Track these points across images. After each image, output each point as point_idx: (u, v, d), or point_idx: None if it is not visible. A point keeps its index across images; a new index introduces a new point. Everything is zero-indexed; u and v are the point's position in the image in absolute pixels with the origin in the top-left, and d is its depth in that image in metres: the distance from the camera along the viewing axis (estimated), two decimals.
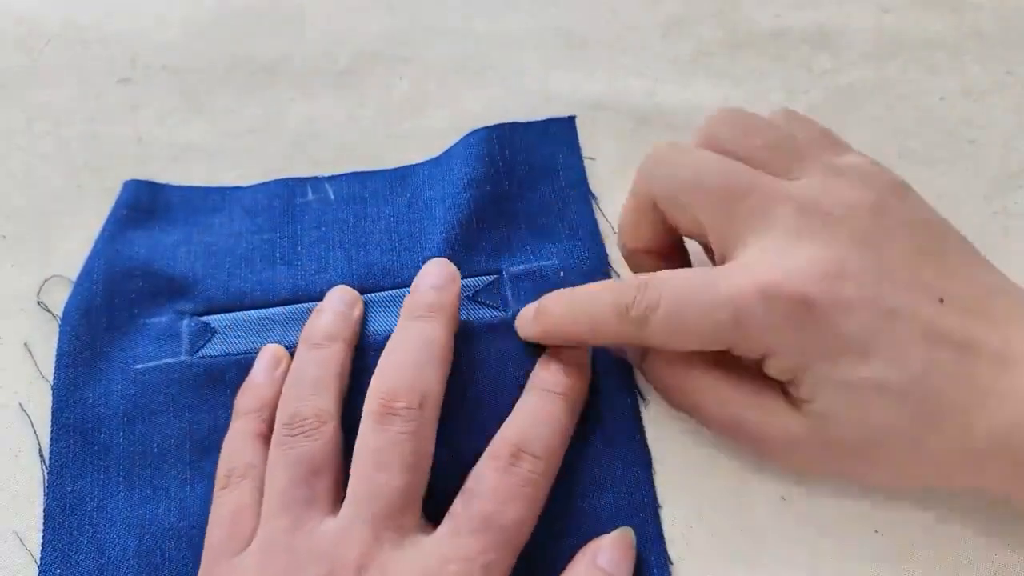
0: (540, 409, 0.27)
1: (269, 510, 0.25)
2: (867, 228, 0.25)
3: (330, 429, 0.26)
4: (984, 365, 0.24)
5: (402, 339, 0.28)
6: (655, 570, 0.27)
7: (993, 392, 0.24)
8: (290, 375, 0.28)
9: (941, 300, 0.25)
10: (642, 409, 0.30)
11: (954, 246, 0.27)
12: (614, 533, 0.25)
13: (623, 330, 0.26)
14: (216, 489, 0.27)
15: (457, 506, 0.25)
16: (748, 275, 0.25)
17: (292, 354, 0.30)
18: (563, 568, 0.26)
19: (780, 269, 0.24)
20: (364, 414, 0.26)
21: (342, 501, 0.25)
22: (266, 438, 0.27)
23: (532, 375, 0.29)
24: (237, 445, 0.28)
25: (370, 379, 0.27)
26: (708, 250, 0.29)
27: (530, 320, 0.29)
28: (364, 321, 0.31)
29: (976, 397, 0.24)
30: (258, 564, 0.24)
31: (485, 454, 0.26)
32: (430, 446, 0.26)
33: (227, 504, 0.26)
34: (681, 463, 0.29)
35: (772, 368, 0.25)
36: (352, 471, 0.25)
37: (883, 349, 0.24)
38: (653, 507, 0.28)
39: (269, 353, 0.30)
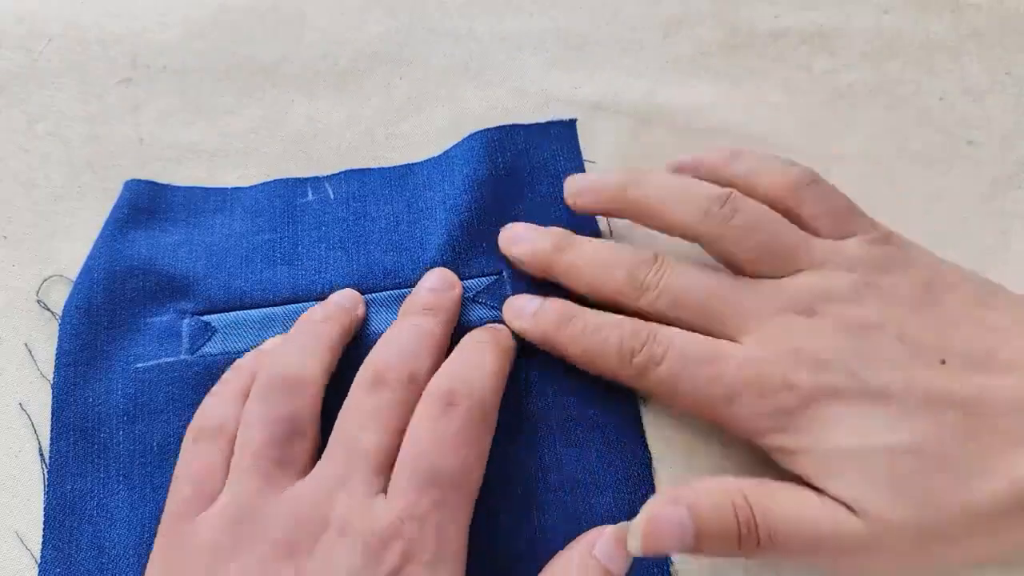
0: (468, 355, 0.28)
1: (240, 469, 0.25)
2: (852, 316, 0.27)
3: (313, 391, 0.27)
4: (999, 417, 0.24)
5: (397, 330, 0.29)
6: (655, 570, 0.27)
7: (1014, 441, 0.24)
8: (283, 339, 0.29)
9: (943, 361, 0.26)
10: (642, 409, 0.30)
11: (956, 294, 0.27)
12: (615, 526, 0.25)
13: (621, 371, 0.28)
14: (187, 441, 0.27)
15: (403, 462, 0.25)
16: (744, 362, 0.26)
17: None
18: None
19: (771, 360, 0.26)
20: (354, 384, 0.27)
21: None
22: (245, 396, 0.27)
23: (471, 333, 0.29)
24: (217, 400, 0.28)
25: None
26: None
27: (528, 316, 0.29)
28: (365, 322, 0.31)
29: (993, 451, 0.24)
30: (222, 526, 0.24)
31: (419, 405, 0.26)
32: (410, 419, 0.26)
33: (197, 459, 0.26)
34: (681, 463, 0.29)
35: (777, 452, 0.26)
36: (334, 431, 0.26)
37: (883, 424, 0.25)
38: None
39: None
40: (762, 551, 0.24)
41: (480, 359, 0.28)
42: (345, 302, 0.31)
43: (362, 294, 0.31)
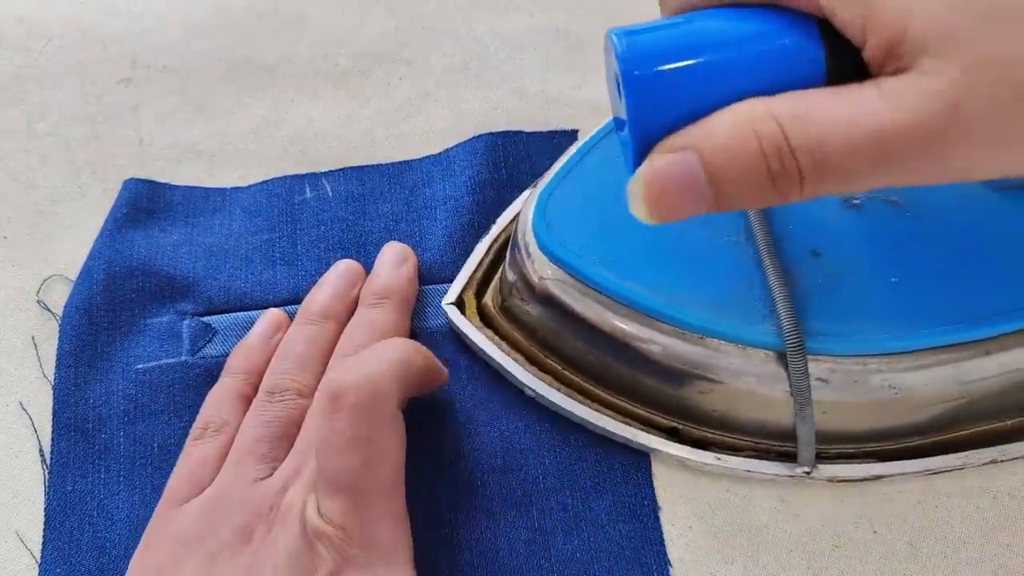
0: (360, 319, 0.30)
1: (229, 461, 0.27)
2: None
3: (305, 404, 0.28)
4: None
5: (353, 326, 0.30)
6: (655, 571, 0.27)
7: None
8: (281, 346, 0.30)
9: None
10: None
11: None
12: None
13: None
14: (189, 439, 0.28)
15: (312, 465, 0.25)
16: None
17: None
18: (570, 571, 0.26)
19: None
20: (319, 390, 0.27)
21: None
22: (248, 400, 0.29)
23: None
24: (219, 401, 0.29)
25: None
26: None
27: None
28: None
29: None
30: (198, 510, 0.25)
31: (312, 404, 0.27)
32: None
33: (194, 455, 0.27)
34: (681, 465, 0.29)
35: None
36: (300, 432, 0.27)
37: None
38: (652, 509, 0.28)
39: (269, 318, 0.31)
40: (810, 184, 0.19)
41: (376, 320, 0.29)
42: (342, 284, 0.31)
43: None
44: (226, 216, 0.34)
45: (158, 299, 0.32)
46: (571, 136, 0.36)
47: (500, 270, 0.31)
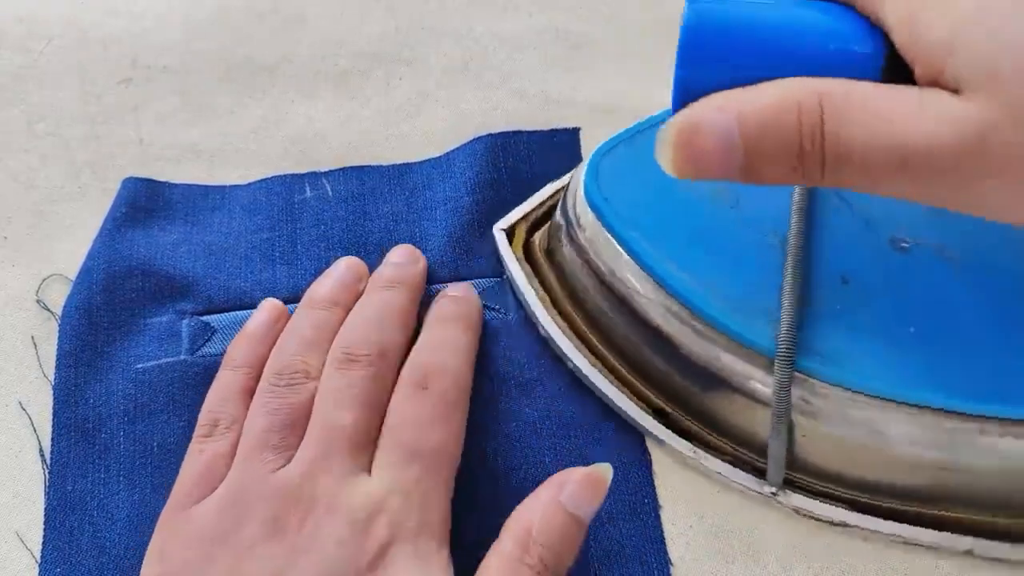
0: (438, 335, 0.29)
1: (240, 457, 0.26)
2: None
3: (315, 386, 0.27)
4: None
5: (364, 306, 0.29)
6: (655, 570, 0.27)
7: None
8: (287, 331, 0.29)
9: None
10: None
11: None
12: (586, 469, 0.24)
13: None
14: (197, 436, 0.27)
15: (384, 440, 0.26)
16: None
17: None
18: (574, 572, 0.26)
19: None
20: (327, 364, 0.27)
21: None
22: (252, 393, 0.28)
23: (428, 313, 0.30)
24: (224, 395, 0.28)
25: None
26: None
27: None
28: None
29: None
30: (216, 508, 0.25)
31: (397, 386, 0.27)
32: (387, 394, 0.27)
33: (205, 453, 0.27)
34: (681, 464, 0.29)
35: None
36: (313, 412, 0.26)
37: None
38: (653, 507, 0.28)
39: (268, 308, 0.31)
40: (831, 173, 0.19)
41: (451, 337, 0.29)
42: (347, 276, 0.31)
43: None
44: (225, 214, 0.34)
45: (158, 299, 0.32)
46: (571, 135, 0.36)
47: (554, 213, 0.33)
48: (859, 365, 0.26)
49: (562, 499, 0.24)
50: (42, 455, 0.29)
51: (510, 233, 0.33)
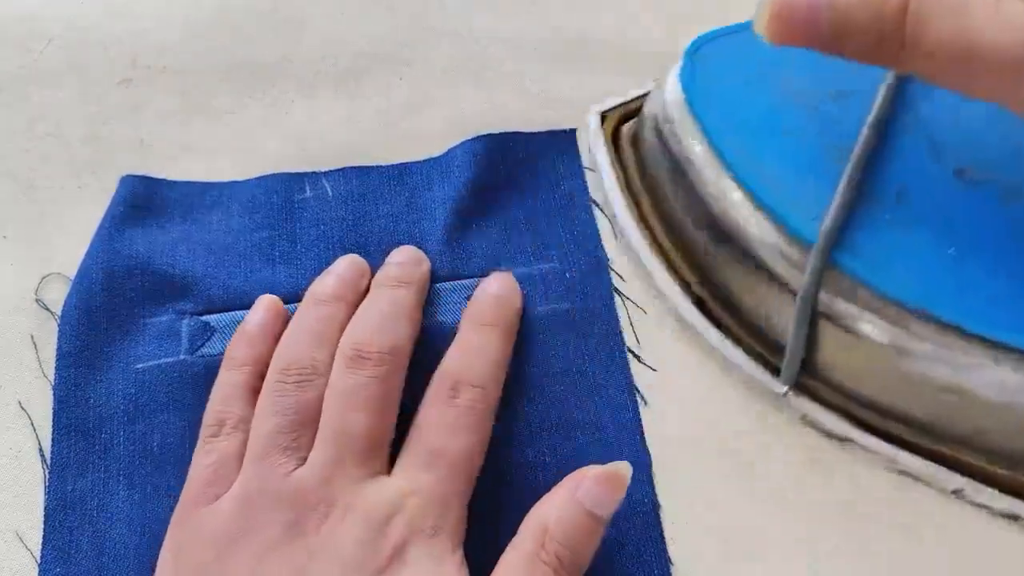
0: (474, 341, 0.29)
1: (250, 458, 0.26)
2: None
3: (323, 382, 0.27)
4: None
5: (371, 301, 0.29)
6: (655, 570, 0.27)
7: None
8: (291, 325, 0.29)
9: None
10: (642, 409, 0.30)
11: None
12: (603, 467, 0.25)
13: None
14: (204, 437, 0.27)
15: (409, 443, 0.26)
16: None
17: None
18: None
19: None
20: (336, 363, 0.27)
21: None
22: (257, 391, 0.28)
23: (464, 311, 0.30)
24: (228, 395, 0.28)
25: None
26: None
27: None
28: None
29: None
30: (230, 511, 0.25)
31: (428, 391, 0.27)
32: (397, 393, 0.27)
33: (214, 453, 0.26)
34: (681, 463, 0.29)
35: None
36: (323, 415, 0.26)
37: None
38: (653, 507, 0.28)
39: (266, 304, 0.30)
40: (907, 58, 0.20)
41: (486, 346, 0.29)
42: (350, 273, 0.31)
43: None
44: (224, 212, 0.34)
45: (157, 298, 0.32)
46: (571, 136, 0.36)
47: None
48: (891, 271, 0.26)
49: (579, 496, 0.24)
50: (42, 455, 0.29)
51: (603, 119, 0.35)
